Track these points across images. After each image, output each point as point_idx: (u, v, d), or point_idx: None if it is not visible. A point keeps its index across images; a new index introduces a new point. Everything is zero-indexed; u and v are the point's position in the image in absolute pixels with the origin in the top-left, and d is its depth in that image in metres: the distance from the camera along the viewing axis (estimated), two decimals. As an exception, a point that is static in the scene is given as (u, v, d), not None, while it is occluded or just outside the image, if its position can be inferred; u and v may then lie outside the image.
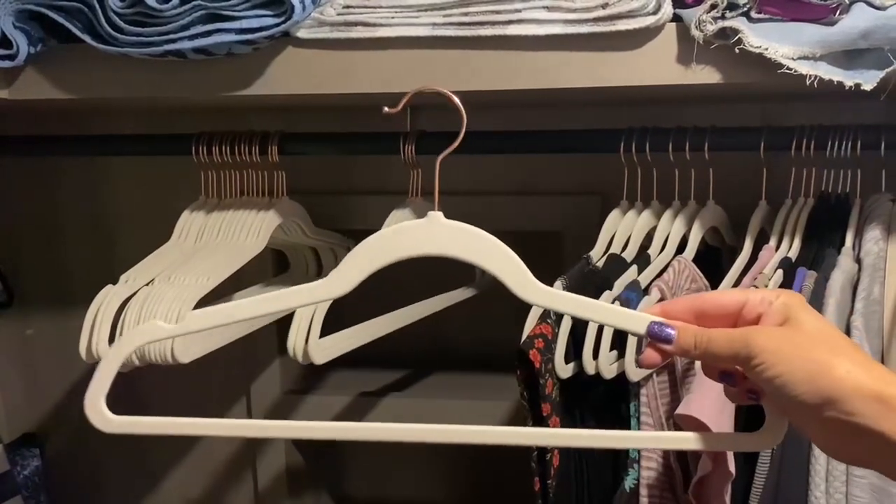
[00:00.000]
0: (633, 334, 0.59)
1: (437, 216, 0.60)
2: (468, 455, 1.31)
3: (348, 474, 1.42)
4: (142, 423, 0.62)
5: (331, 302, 0.91)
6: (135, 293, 0.89)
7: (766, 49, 0.75)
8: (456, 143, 0.61)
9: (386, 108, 0.61)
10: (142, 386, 1.29)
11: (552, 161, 1.15)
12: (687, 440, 0.60)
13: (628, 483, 0.85)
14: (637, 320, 0.59)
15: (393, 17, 0.84)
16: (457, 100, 0.60)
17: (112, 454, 1.38)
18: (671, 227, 0.94)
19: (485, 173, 1.17)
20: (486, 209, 1.18)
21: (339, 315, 0.91)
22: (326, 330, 0.91)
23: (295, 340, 0.89)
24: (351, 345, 0.97)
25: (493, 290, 0.59)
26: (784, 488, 0.77)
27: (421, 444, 0.62)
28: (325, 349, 0.92)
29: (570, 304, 0.60)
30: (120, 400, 0.61)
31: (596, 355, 0.82)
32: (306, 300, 0.64)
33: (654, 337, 0.58)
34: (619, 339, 0.82)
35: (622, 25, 0.79)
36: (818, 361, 0.53)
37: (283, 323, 1.08)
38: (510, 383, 0.84)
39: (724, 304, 0.59)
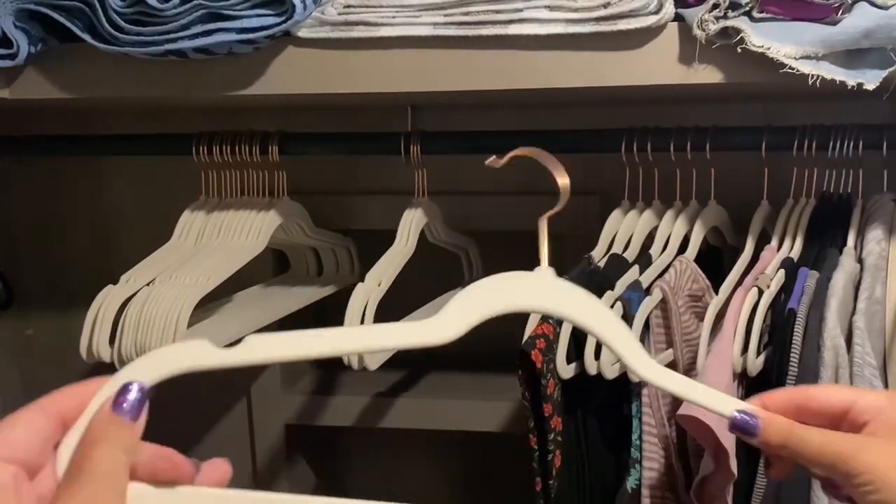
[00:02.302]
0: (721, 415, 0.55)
1: (548, 273, 0.57)
2: (470, 455, 1.31)
3: (349, 474, 1.42)
4: None
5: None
6: (135, 293, 0.89)
7: (769, 49, 0.75)
8: (561, 205, 0.61)
9: (488, 161, 0.62)
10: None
11: (553, 161, 1.15)
12: None
13: (630, 483, 0.85)
14: (724, 404, 0.55)
15: (394, 17, 0.84)
16: (552, 164, 0.62)
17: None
18: (673, 227, 0.94)
19: (485, 173, 1.16)
20: (487, 209, 1.18)
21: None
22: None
23: None
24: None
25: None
26: (786, 489, 0.77)
27: (422, 446, 0.61)
28: (377, 353, 0.91)
29: (677, 383, 0.56)
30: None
31: (597, 355, 0.82)
32: (403, 342, 0.56)
33: (738, 428, 0.53)
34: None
35: (624, 25, 0.79)
36: None
37: (284, 322, 1.08)
38: (511, 383, 0.84)
39: (830, 402, 0.53)
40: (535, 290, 0.56)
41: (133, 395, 0.46)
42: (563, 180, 0.60)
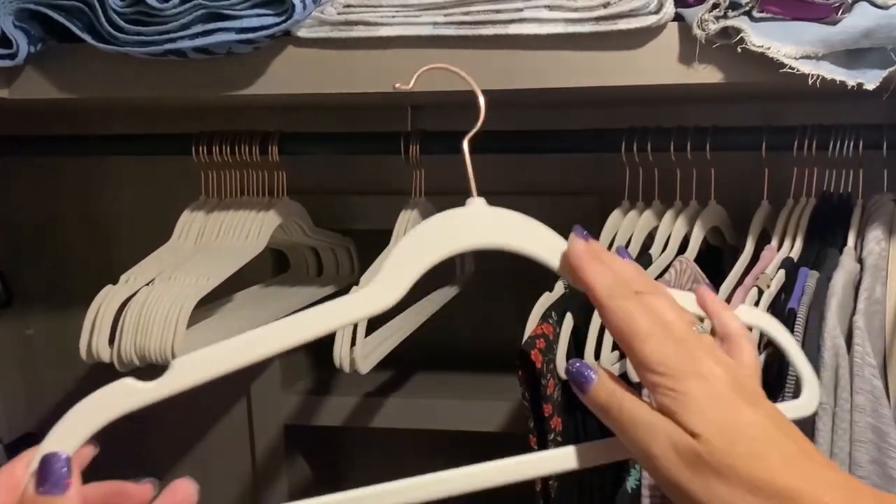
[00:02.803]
0: None
1: (479, 203, 0.54)
2: (469, 455, 1.31)
3: (348, 474, 1.42)
4: None
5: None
6: (135, 293, 0.89)
7: (769, 48, 0.75)
8: (479, 123, 0.58)
9: (397, 84, 0.56)
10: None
11: (552, 161, 1.15)
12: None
13: (630, 483, 0.85)
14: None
15: (394, 17, 0.84)
16: (471, 80, 0.58)
17: (111, 456, 1.37)
18: (672, 227, 0.94)
19: (485, 173, 1.15)
20: (487, 209, 1.17)
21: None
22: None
23: (340, 349, 0.87)
24: (389, 346, 0.95)
25: (491, 290, 0.58)
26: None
27: (421, 446, 0.61)
28: (368, 356, 0.90)
29: None
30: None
31: (597, 356, 0.82)
32: (344, 319, 0.52)
33: (571, 376, 0.54)
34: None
35: (624, 25, 0.79)
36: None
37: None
38: (511, 383, 0.84)
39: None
40: (472, 226, 0.53)
41: (55, 466, 0.46)
42: (481, 96, 0.57)
